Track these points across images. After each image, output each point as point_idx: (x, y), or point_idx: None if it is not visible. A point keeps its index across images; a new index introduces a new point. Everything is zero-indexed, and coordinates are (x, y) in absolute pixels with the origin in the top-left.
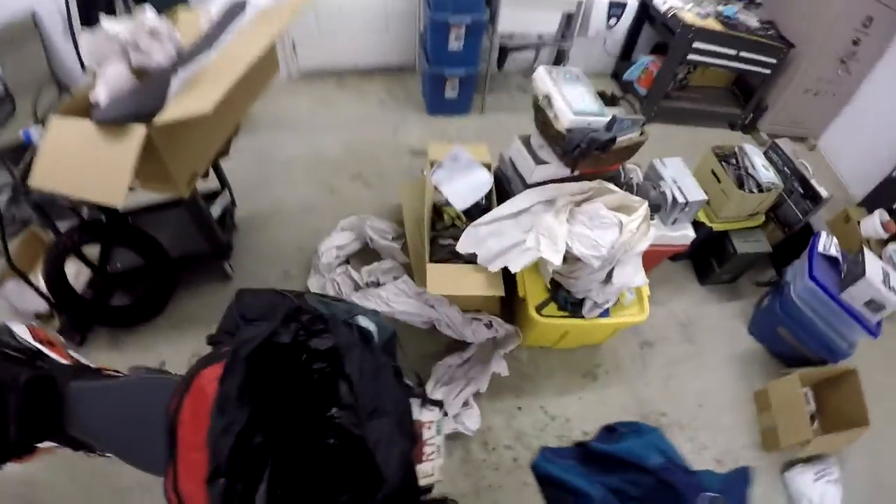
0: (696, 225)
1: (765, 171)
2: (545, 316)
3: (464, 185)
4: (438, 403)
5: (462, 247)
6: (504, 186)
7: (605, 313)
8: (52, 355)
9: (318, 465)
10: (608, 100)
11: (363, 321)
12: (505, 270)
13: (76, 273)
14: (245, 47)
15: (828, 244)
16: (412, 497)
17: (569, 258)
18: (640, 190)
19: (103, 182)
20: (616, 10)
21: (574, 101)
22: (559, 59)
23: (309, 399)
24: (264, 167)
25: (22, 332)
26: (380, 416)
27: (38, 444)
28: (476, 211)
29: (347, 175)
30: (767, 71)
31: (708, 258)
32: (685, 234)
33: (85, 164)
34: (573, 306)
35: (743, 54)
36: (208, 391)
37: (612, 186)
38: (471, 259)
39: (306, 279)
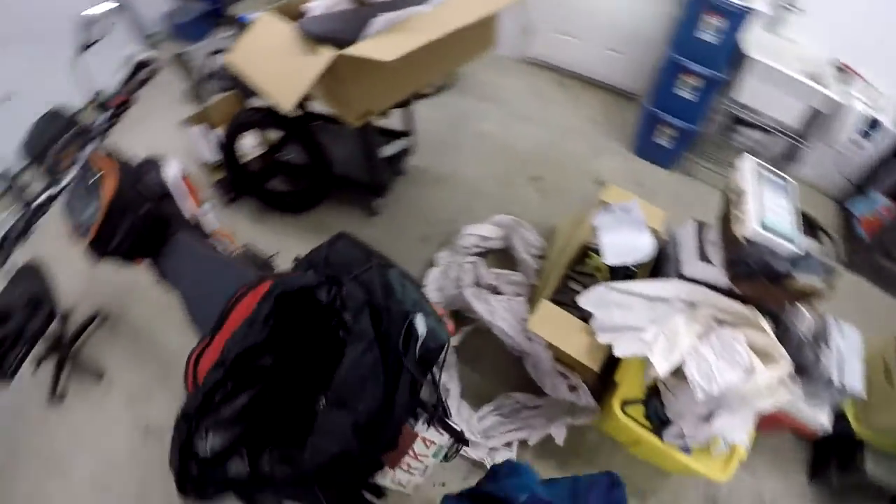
0: (838, 414)
1: None
2: (626, 415)
3: (622, 241)
4: (451, 431)
5: (584, 301)
6: (657, 261)
7: (687, 448)
8: (184, 203)
9: (304, 411)
10: (809, 226)
11: (419, 321)
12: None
13: (253, 145)
14: (460, 11)
15: None
16: (330, 488)
17: (677, 372)
18: (796, 340)
19: (281, 86)
20: (870, 129)
21: (769, 213)
22: (790, 155)
23: (326, 355)
24: (457, 130)
25: (174, 171)
26: (341, 409)
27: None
28: (621, 272)
29: (527, 174)
30: None
31: (830, 454)
32: (819, 420)
33: (274, 63)
34: (659, 422)
35: None
36: None
37: (764, 324)
38: (586, 316)
39: (438, 250)
